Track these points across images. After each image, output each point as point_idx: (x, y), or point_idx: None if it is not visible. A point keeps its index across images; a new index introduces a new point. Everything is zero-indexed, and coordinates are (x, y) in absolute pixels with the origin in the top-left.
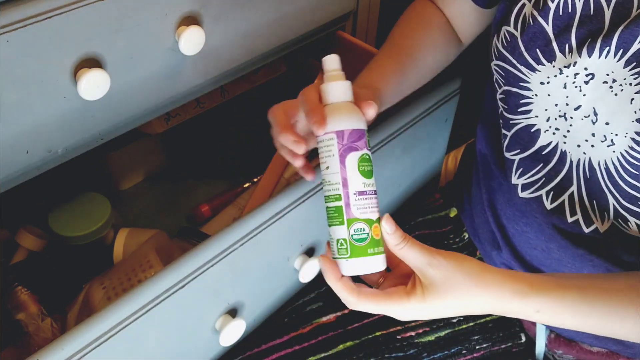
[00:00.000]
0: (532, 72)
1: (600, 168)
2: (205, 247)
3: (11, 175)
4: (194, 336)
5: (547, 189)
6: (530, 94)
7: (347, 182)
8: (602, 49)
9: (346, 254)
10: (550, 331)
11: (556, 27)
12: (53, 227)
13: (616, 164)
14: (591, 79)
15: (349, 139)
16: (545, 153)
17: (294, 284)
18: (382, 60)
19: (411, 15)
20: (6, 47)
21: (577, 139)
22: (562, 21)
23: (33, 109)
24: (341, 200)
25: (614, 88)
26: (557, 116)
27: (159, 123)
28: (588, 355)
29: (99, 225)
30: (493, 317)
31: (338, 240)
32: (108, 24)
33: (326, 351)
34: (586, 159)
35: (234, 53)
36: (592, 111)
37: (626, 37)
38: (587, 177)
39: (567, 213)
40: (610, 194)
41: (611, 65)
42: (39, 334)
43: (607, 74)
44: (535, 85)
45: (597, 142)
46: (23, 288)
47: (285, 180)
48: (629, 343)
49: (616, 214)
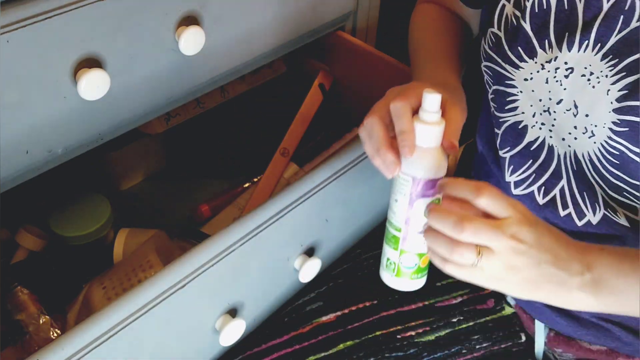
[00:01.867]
0: (515, 69)
1: (584, 160)
2: (205, 247)
3: (11, 175)
4: (194, 336)
5: (538, 184)
6: (515, 91)
7: (410, 221)
8: (581, 42)
9: (392, 272)
10: (550, 329)
11: (534, 24)
12: (53, 227)
13: (598, 154)
14: (570, 72)
15: (423, 187)
16: (533, 149)
17: (294, 284)
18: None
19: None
20: (6, 47)
21: (561, 133)
22: (539, 19)
23: (33, 109)
24: (400, 232)
25: (591, 80)
26: (542, 111)
27: (159, 123)
28: (587, 354)
29: (99, 225)
30: (493, 317)
31: (388, 259)
32: (108, 24)
33: (326, 351)
34: (571, 151)
35: (234, 53)
36: (573, 104)
37: (603, 31)
38: (574, 170)
39: (559, 207)
40: (598, 185)
41: (589, 58)
42: (39, 334)
43: (585, 67)
44: (519, 82)
45: (579, 135)
46: (23, 288)
47: (285, 180)
48: (626, 340)
49: (606, 205)
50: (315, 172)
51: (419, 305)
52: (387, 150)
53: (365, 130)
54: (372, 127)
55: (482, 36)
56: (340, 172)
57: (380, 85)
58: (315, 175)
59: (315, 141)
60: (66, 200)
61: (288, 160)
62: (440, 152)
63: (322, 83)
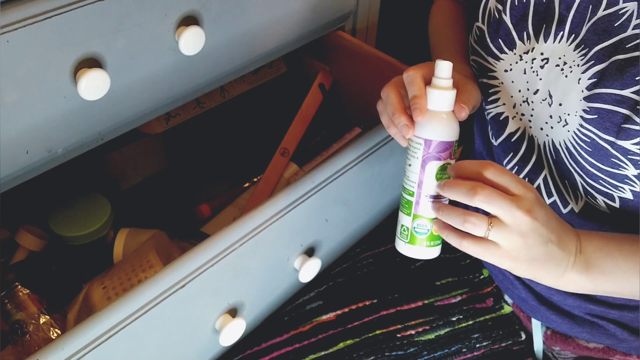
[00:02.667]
0: (496, 61)
1: (562, 148)
2: (205, 247)
3: (11, 175)
4: (194, 336)
5: (522, 175)
6: (497, 82)
7: (422, 185)
8: (556, 33)
9: (406, 239)
10: (547, 328)
11: (514, 17)
12: (53, 227)
13: (573, 142)
14: (546, 63)
15: (434, 149)
16: (514, 140)
17: (294, 284)
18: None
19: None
20: (6, 47)
21: (539, 122)
22: (518, 11)
23: (33, 109)
24: (413, 197)
25: (564, 70)
26: (522, 102)
27: (159, 123)
28: (585, 351)
29: (99, 225)
30: (492, 316)
31: (402, 225)
32: (108, 24)
33: (326, 349)
34: (549, 140)
35: (234, 53)
36: (548, 94)
37: (577, 21)
38: (554, 159)
39: (544, 196)
40: (576, 173)
41: (564, 49)
42: (39, 334)
43: (559, 58)
44: (500, 74)
45: (554, 124)
46: (23, 288)
47: (285, 180)
48: (621, 337)
49: (585, 192)
50: (315, 172)
51: (418, 304)
52: (401, 114)
53: (382, 101)
54: (387, 97)
55: (471, 32)
56: (340, 172)
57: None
58: (315, 175)
59: (315, 141)
60: (66, 200)
61: (288, 160)
62: (451, 117)
63: (322, 83)
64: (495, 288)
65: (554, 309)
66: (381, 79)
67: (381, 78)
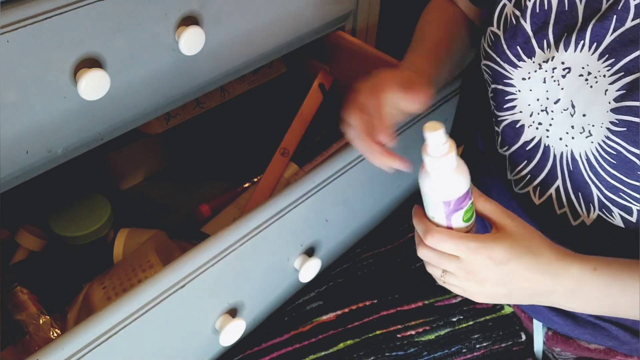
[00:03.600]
0: (514, 68)
1: (581, 159)
2: (205, 247)
3: (11, 175)
4: (194, 336)
5: (534, 185)
6: (513, 90)
7: (452, 227)
8: (577, 42)
9: None
10: (547, 328)
11: (534, 24)
12: (53, 227)
13: (595, 154)
14: (568, 72)
15: (454, 205)
16: (529, 149)
17: (294, 284)
18: (422, 50)
19: (429, 12)
20: (6, 47)
21: (559, 132)
22: (539, 19)
23: (33, 109)
24: None
25: (589, 80)
26: (540, 110)
27: (159, 123)
28: (585, 352)
29: (99, 225)
30: (493, 316)
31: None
32: (108, 24)
33: (326, 350)
34: (568, 151)
35: (234, 53)
36: (570, 104)
37: (598, 30)
38: (570, 170)
39: (555, 207)
40: (594, 185)
41: (586, 58)
42: (39, 334)
43: (582, 67)
44: (517, 81)
45: (576, 134)
46: (23, 288)
47: (285, 180)
48: (624, 339)
49: (601, 205)
50: (315, 172)
51: (419, 304)
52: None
53: (351, 131)
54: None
55: (482, 35)
56: (340, 172)
57: None
58: (315, 175)
59: (315, 141)
60: (66, 200)
61: (288, 160)
62: (458, 171)
63: (322, 83)
64: None
65: (557, 311)
66: None
67: None
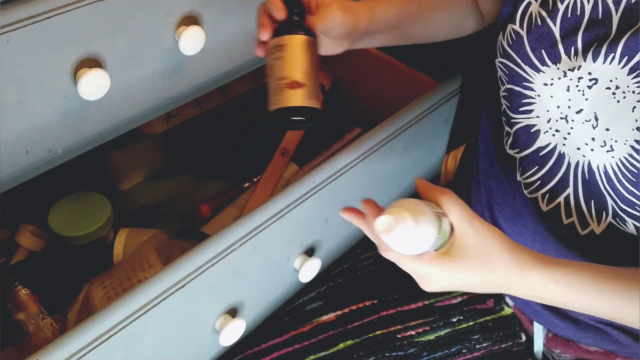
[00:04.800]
0: (536, 72)
1: (599, 171)
2: (205, 247)
3: (11, 175)
4: (194, 336)
5: (543, 191)
6: (533, 94)
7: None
8: (607, 55)
9: None
10: (548, 330)
11: (563, 29)
12: (53, 227)
13: (615, 169)
14: (594, 83)
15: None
16: (542, 155)
17: (294, 284)
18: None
19: None
20: (6, 47)
21: (577, 142)
22: (569, 23)
23: (33, 109)
24: None
25: (616, 95)
26: (559, 118)
27: (159, 123)
28: (586, 355)
29: (99, 225)
30: (493, 317)
31: None
32: (108, 24)
33: (326, 350)
34: (585, 161)
35: (234, 53)
36: (594, 116)
37: (631, 44)
38: (585, 179)
39: (562, 215)
40: (609, 196)
41: (615, 71)
42: (39, 334)
43: (610, 80)
44: (538, 86)
45: (596, 147)
46: (23, 288)
47: (285, 180)
48: (625, 343)
49: (614, 215)
50: (315, 172)
51: (419, 304)
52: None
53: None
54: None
55: (500, 31)
56: (340, 172)
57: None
58: (315, 175)
59: (315, 141)
60: (66, 200)
61: (288, 160)
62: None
63: (322, 83)
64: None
65: (559, 314)
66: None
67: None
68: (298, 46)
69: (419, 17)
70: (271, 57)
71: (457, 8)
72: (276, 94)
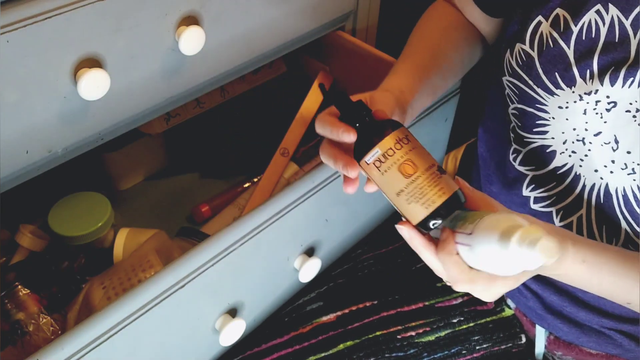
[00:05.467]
0: (550, 95)
1: (617, 194)
2: (205, 247)
3: (11, 175)
4: (194, 336)
5: (558, 207)
6: (547, 116)
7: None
8: (625, 79)
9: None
10: (550, 333)
11: (577, 51)
12: (53, 227)
13: (635, 192)
14: (613, 106)
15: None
16: (560, 173)
17: (294, 284)
18: (403, 63)
19: (428, 17)
20: (6, 47)
21: (595, 164)
22: (584, 46)
23: (33, 109)
24: None
25: (637, 118)
26: (575, 140)
27: (159, 123)
28: (587, 357)
29: (99, 225)
30: (493, 318)
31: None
32: (108, 24)
33: (326, 351)
34: (602, 184)
35: (234, 53)
36: (613, 138)
37: None
38: (600, 202)
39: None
40: (624, 220)
41: (635, 94)
42: (39, 334)
43: (630, 103)
44: (552, 109)
45: (616, 169)
46: (23, 288)
47: (285, 180)
48: (629, 347)
49: (627, 240)
50: (315, 172)
51: (419, 305)
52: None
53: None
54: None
55: (508, 49)
56: None
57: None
58: (315, 175)
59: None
60: (66, 200)
61: (288, 160)
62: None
63: (322, 83)
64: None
65: (562, 318)
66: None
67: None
68: (403, 141)
69: (437, 71)
70: (378, 173)
71: (462, 44)
72: (420, 198)
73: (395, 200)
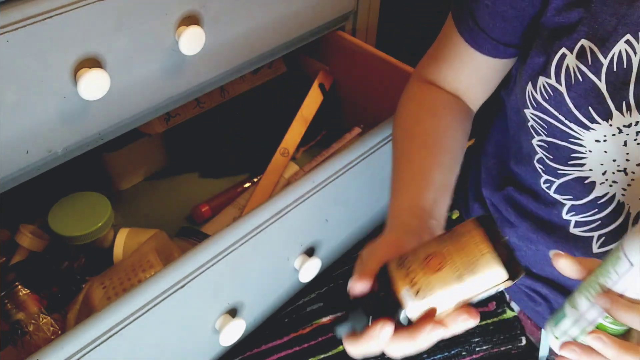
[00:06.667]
0: (585, 130)
1: None
2: (205, 247)
3: (11, 175)
4: (194, 336)
5: (600, 232)
6: (583, 149)
7: None
8: None
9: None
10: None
11: (610, 84)
12: (53, 227)
13: None
14: None
15: None
16: (601, 202)
17: (294, 284)
18: (403, 173)
19: (412, 107)
20: (6, 47)
21: (638, 193)
22: (616, 78)
23: (33, 109)
24: None
25: None
26: (616, 170)
27: (159, 123)
28: None
29: (99, 225)
30: (494, 320)
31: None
32: (108, 24)
33: (326, 352)
34: None
35: (234, 53)
36: None
37: None
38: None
39: None
40: None
41: None
42: (39, 334)
43: None
44: (589, 142)
45: None
46: (23, 288)
47: (285, 180)
48: None
49: None
50: (315, 172)
51: None
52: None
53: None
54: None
55: (529, 81)
56: (340, 172)
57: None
58: (315, 175)
59: (315, 141)
60: (66, 200)
61: (288, 160)
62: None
63: (322, 83)
64: (498, 292)
65: None
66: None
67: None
68: (410, 275)
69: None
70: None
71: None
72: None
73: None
